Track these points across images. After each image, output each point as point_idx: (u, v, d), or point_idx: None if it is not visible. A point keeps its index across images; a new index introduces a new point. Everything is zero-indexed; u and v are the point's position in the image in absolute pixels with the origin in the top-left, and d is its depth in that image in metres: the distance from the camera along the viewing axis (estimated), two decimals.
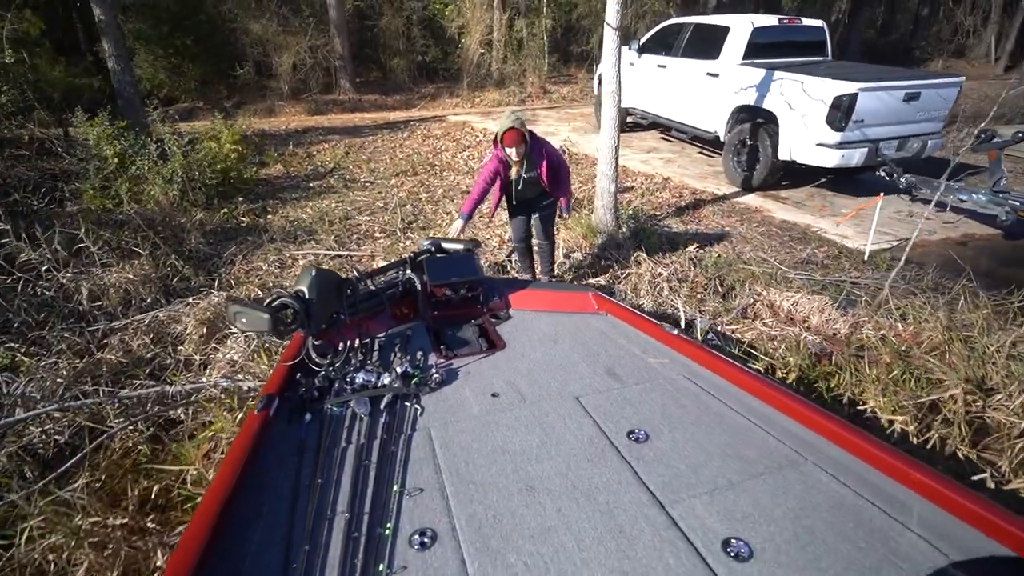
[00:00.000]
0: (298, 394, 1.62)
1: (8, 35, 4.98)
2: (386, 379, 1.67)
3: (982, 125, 4.09)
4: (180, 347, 2.73)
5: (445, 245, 2.39)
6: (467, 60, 13.14)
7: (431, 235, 4.59)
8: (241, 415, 2.11)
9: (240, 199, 5.34)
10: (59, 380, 2.33)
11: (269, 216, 5.07)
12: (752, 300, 3.17)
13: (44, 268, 3.20)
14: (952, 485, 1.15)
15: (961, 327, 2.46)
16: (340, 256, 4.17)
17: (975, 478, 1.80)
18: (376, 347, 1.91)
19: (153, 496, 1.83)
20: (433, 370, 1.75)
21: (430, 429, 1.49)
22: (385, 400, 1.59)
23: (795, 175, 5.73)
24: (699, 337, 2.69)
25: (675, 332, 1.86)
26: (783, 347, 2.37)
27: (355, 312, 1.92)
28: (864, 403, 1.94)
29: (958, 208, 4.63)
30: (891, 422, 1.77)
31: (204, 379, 2.42)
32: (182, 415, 2.22)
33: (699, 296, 3.32)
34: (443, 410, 1.58)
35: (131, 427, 2.10)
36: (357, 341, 1.86)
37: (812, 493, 1.22)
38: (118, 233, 3.84)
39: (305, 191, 5.83)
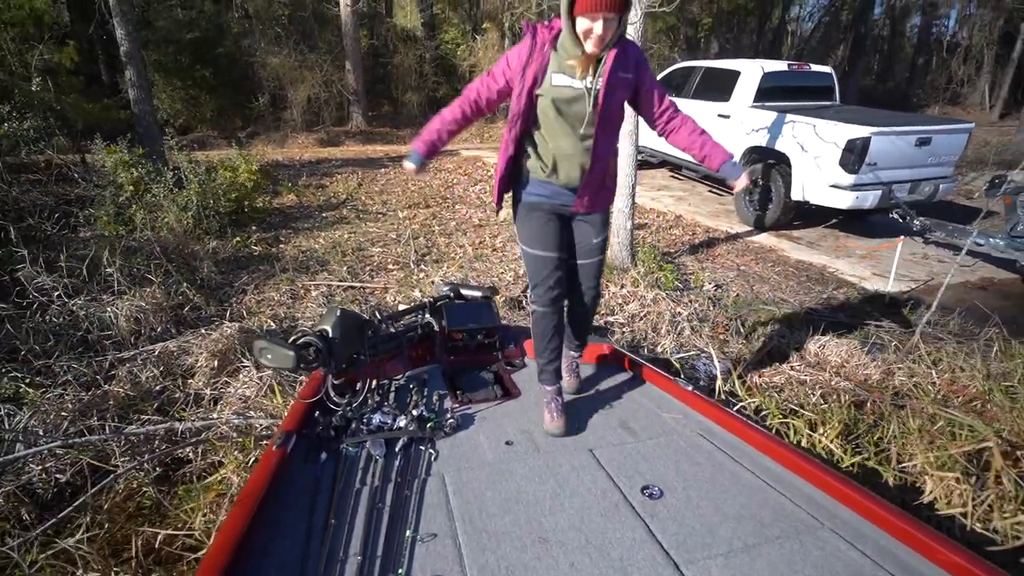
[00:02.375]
0: (315, 432, 1.63)
1: (38, 65, 5.13)
2: (402, 422, 1.68)
3: (1010, 173, 4.10)
4: (190, 380, 2.64)
5: (464, 292, 2.44)
6: None
7: (445, 268, 4.56)
8: (253, 458, 2.01)
9: (253, 228, 5.34)
10: (64, 414, 2.24)
11: (282, 245, 5.06)
12: (777, 343, 3.09)
13: (56, 294, 3.14)
14: (985, 565, 1.10)
15: (1000, 376, 2.38)
16: (353, 288, 4.12)
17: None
18: (393, 389, 1.93)
19: (158, 546, 1.72)
20: (448, 415, 1.78)
21: (444, 475, 1.49)
22: (400, 443, 1.59)
23: (807, 215, 5.74)
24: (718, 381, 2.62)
25: (689, 388, 1.89)
26: (819, 393, 2.29)
27: (375, 354, 1.94)
28: (911, 458, 1.84)
29: (974, 252, 4.60)
30: (942, 479, 1.67)
31: (215, 415, 2.33)
32: (191, 454, 2.12)
33: (721, 337, 3.25)
34: (457, 456, 1.60)
35: (137, 468, 1.99)
36: (375, 382, 1.88)
37: (831, 561, 1.19)
38: (131, 260, 3.81)
39: (318, 221, 5.84)
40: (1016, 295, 4.20)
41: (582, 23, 1.47)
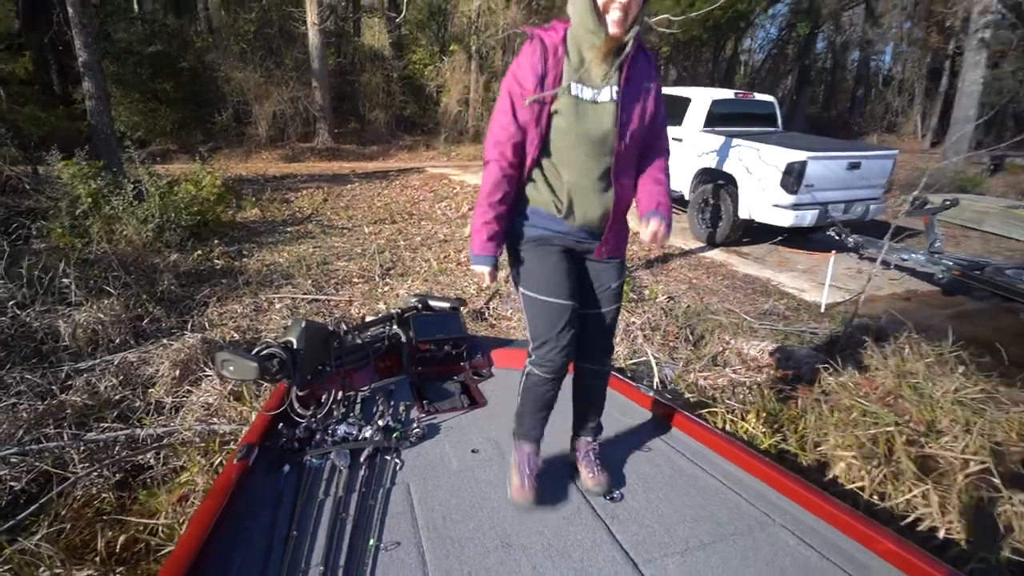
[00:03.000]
0: (278, 444, 1.62)
1: None
2: (367, 432, 1.68)
3: (915, 193, 4.54)
4: (151, 389, 2.64)
5: (431, 302, 2.45)
6: (445, 115, 13.72)
7: (410, 281, 4.65)
8: (219, 460, 2.05)
9: (215, 242, 5.30)
10: (18, 423, 2.22)
11: (245, 259, 5.04)
12: (721, 348, 3.32)
13: (11, 304, 3.08)
14: (917, 551, 1.19)
15: (909, 374, 2.65)
16: (317, 300, 4.16)
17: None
18: (359, 400, 1.93)
19: (119, 548, 1.74)
20: (414, 425, 1.78)
21: (409, 484, 1.50)
22: (365, 453, 1.59)
23: (755, 232, 6.12)
24: (660, 383, 2.80)
25: (650, 393, 1.95)
26: (754, 391, 2.50)
27: (341, 365, 1.94)
28: (825, 443, 2.07)
29: (900, 267, 5.04)
30: (843, 457, 1.90)
31: (176, 423, 2.34)
32: (152, 460, 2.13)
33: (671, 344, 3.46)
34: (423, 465, 1.60)
35: (96, 473, 2.00)
36: (340, 393, 1.87)
37: (779, 555, 1.26)
38: (88, 272, 3.75)
39: (282, 236, 5.83)
40: (935, 305, 4.62)
41: (599, 2, 1.22)
